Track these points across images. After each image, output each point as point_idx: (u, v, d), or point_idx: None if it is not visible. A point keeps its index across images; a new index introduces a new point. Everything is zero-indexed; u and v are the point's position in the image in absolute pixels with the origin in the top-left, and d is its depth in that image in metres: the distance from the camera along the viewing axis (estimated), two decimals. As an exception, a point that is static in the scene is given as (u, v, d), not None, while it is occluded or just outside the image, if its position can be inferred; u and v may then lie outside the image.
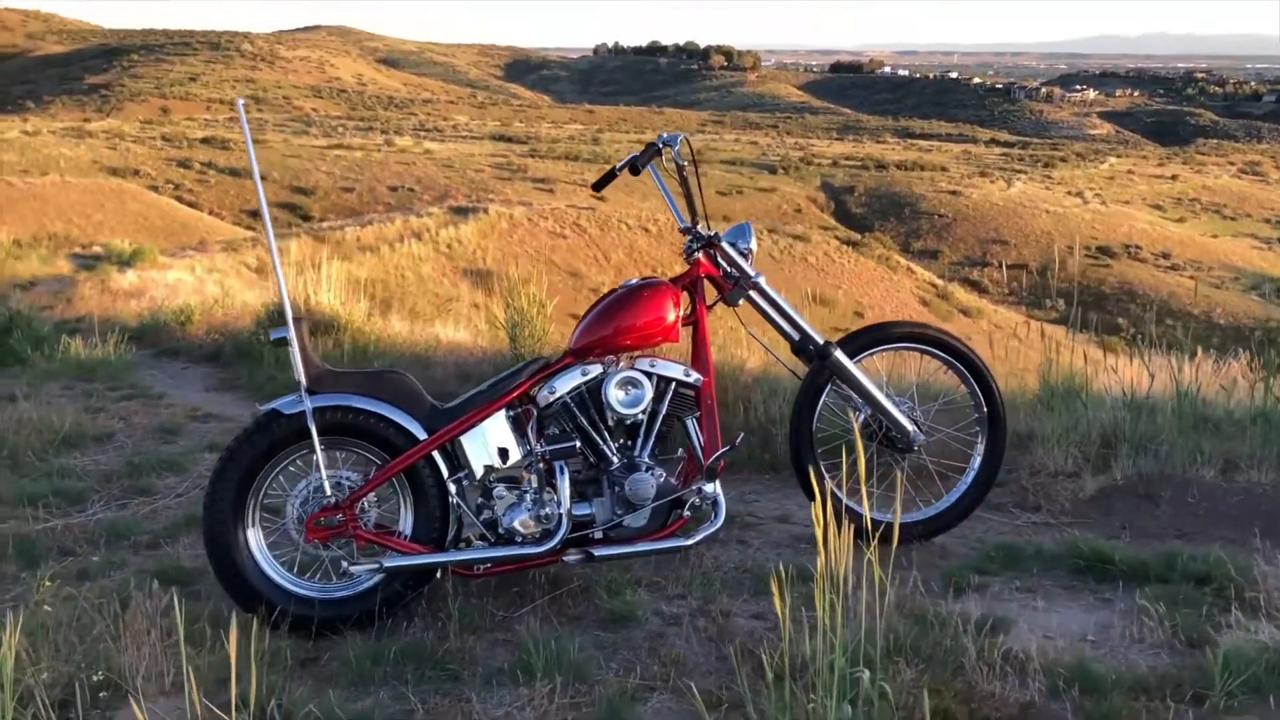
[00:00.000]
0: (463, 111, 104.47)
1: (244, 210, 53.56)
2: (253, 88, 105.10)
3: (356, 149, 65.70)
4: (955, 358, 3.75)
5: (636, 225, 38.26)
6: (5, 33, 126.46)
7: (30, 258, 19.56)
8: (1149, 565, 3.30)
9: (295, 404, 3.24)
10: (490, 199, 43.11)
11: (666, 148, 3.58)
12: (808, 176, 65.79)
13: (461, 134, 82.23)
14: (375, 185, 57.99)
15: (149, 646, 2.88)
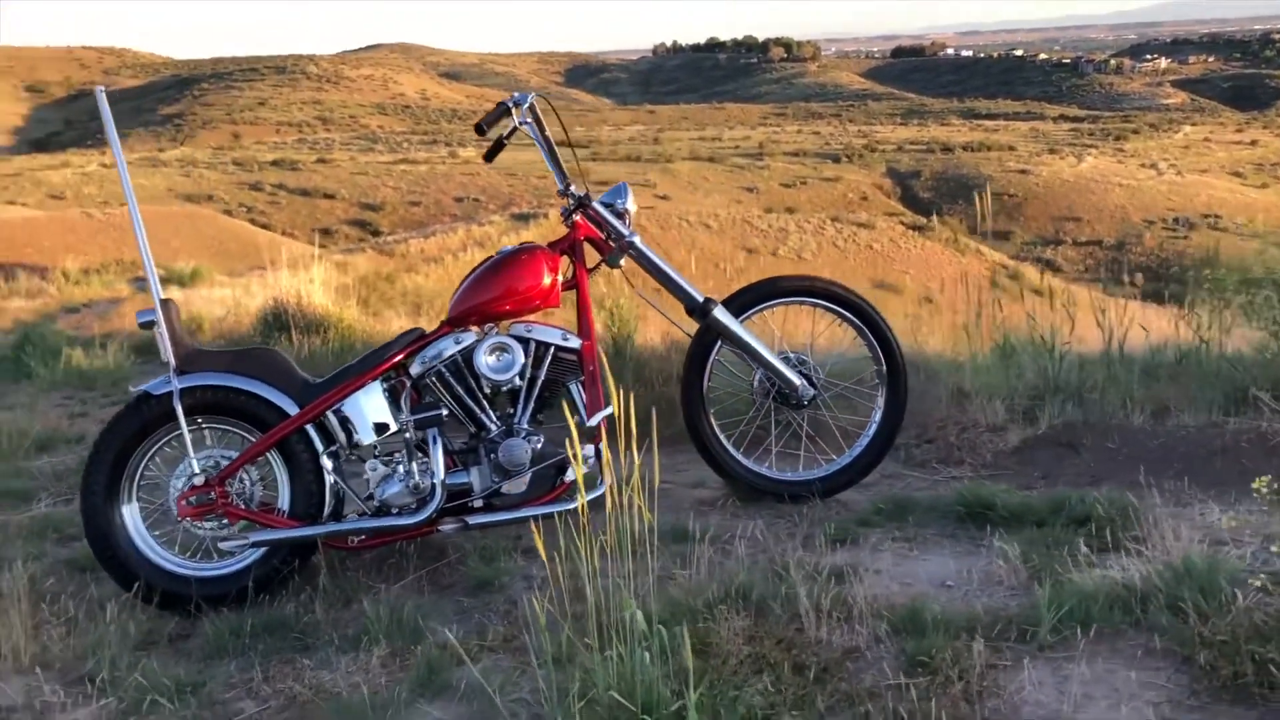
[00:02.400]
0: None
1: (315, 229, 54.59)
2: (319, 108, 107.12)
3: (421, 163, 66.59)
4: (849, 310, 3.66)
5: (697, 222, 38.22)
6: (83, 70, 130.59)
7: (93, 283, 20.19)
8: (1033, 510, 3.18)
9: (164, 385, 3.27)
10: (551, 204, 43.35)
11: (517, 108, 3.54)
12: (872, 164, 65.10)
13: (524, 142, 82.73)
14: (441, 197, 58.73)
15: (8, 628, 2.92)
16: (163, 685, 2.64)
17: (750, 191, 59.05)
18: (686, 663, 2.36)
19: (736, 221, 39.49)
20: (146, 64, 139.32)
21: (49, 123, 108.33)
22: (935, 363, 4.92)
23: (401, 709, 2.45)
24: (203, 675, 2.76)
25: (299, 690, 2.62)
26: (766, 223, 39.48)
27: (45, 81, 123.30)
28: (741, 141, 75.67)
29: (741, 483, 3.69)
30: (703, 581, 2.76)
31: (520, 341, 3.41)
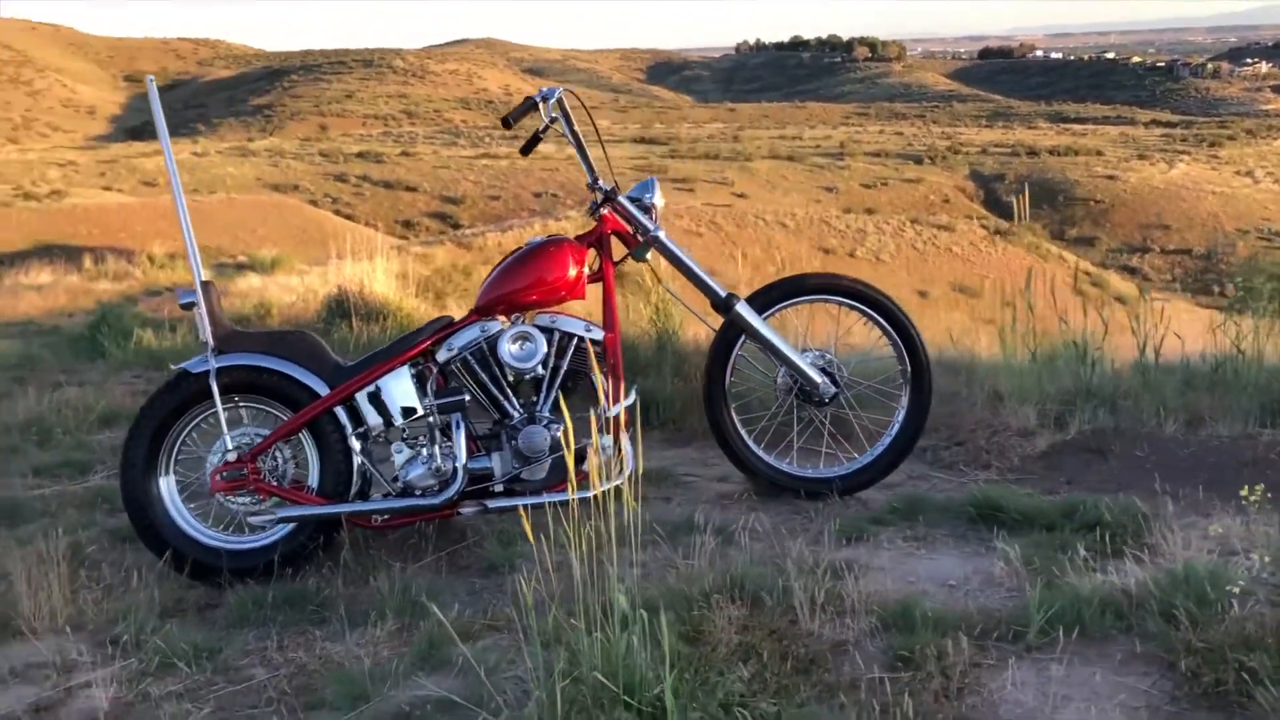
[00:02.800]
0: (605, 116, 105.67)
1: (397, 221, 55.54)
2: (405, 102, 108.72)
3: (502, 158, 67.19)
4: (874, 309, 3.66)
5: (774, 221, 38.10)
6: (179, 61, 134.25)
7: (177, 268, 20.82)
8: (1044, 514, 3.17)
9: (201, 364, 3.41)
10: (630, 200, 43.47)
11: (544, 102, 3.61)
12: (955, 165, 64.21)
13: (603, 138, 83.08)
14: (520, 192, 59.26)
15: (48, 591, 3.07)
16: (181, 650, 2.77)
17: (829, 191, 58.64)
18: (673, 647, 2.42)
19: (814, 221, 39.25)
20: (239, 56, 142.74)
21: (145, 111, 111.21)
22: (976, 365, 4.89)
23: (399, 681, 2.54)
24: (221, 642, 2.88)
25: (307, 660, 2.73)
26: (845, 223, 39.18)
27: (142, 71, 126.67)
28: (822, 141, 75.15)
29: (761, 478, 3.72)
30: (702, 571, 2.80)
31: (544, 331, 3.48)
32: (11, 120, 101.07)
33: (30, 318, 11.97)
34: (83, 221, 43.90)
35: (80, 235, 41.85)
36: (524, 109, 3.59)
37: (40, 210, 43.74)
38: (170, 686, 2.65)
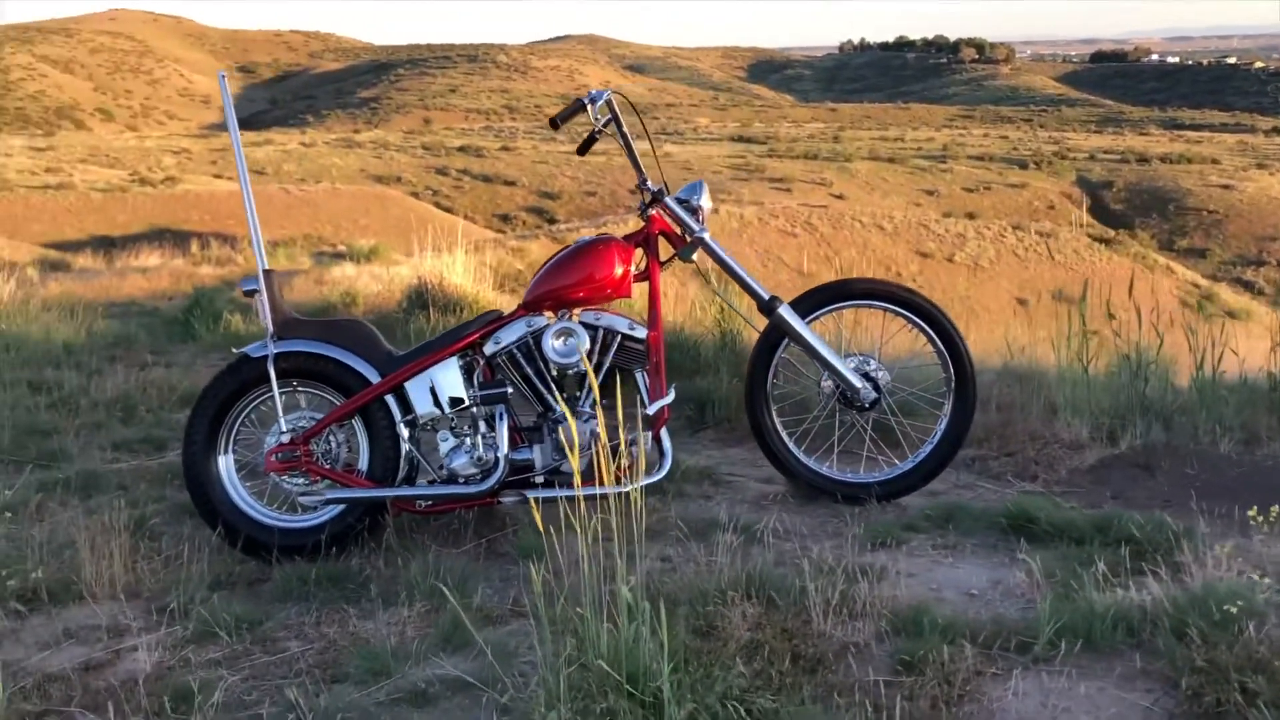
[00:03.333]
0: (704, 114, 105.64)
1: (495, 214, 56.34)
2: (506, 97, 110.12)
3: (600, 154, 67.70)
4: (919, 315, 3.66)
5: (870, 223, 37.69)
6: (290, 53, 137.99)
7: (279, 255, 21.45)
8: (1076, 527, 3.14)
9: (261, 349, 3.56)
10: (724, 199, 43.51)
11: (592, 104, 3.67)
12: (1061, 171, 62.76)
13: (701, 136, 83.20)
14: (616, 189, 59.57)
15: (109, 559, 3.25)
16: (224, 620, 2.91)
17: (930, 195, 57.82)
18: (680, 640, 2.48)
19: (912, 225, 38.74)
20: (348, 49, 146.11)
21: (256, 101, 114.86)
22: (1036, 375, 4.84)
23: (419, 659, 2.64)
24: (263, 615, 3.01)
25: (339, 636, 2.85)
26: (944, 227, 38.58)
27: (256, 62, 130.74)
28: (925, 143, 74.10)
29: (800, 480, 3.75)
30: (721, 568, 2.85)
31: (588, 328, 3.56)
32: (131, 108, 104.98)
33: (133, 299, 12.47)
34: (194, 207, 45.41)
35: (191, 221, 43.35)
36: (572, 111, 3.67)
37: (155, 195, 45.41)
38: (210, 654, 2.79)
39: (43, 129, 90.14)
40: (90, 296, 12.79)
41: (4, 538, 3.58)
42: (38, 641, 2.88)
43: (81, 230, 39.48)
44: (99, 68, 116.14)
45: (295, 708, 2.40)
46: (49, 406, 5.79)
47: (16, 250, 36.44)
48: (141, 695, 2.51)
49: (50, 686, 2.60)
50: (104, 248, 23.79)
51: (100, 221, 41.54)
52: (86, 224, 40.93)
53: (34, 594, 3.13)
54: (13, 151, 59.95)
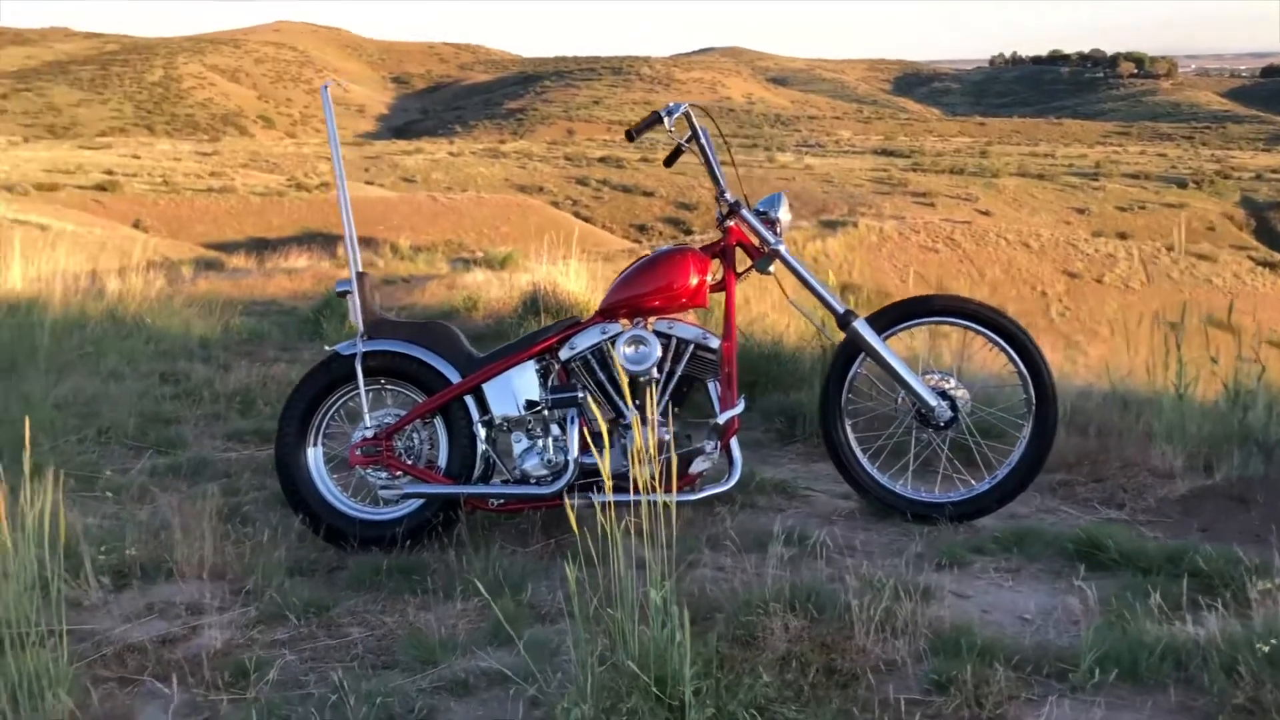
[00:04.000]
0: (847, 126, 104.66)
1: (632, 225, 56.97)
2: (649, 109, 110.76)
3: (739, 165, 67.57)
4: (1000, 334, 3.59)
5: (1016, 240, 36.74)
6: (441, 64, 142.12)
7: (419, 260, 22.16)
8: (1146, 557, 3.03)
9: (350, 347, 3.73)
10: (863, 213, 43.01)
11: (669, 116, 3.71)
12: (1224, 191, 60.10)
13: (844, 149, 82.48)
14: (754, 200, 59.54)
15: (200, 541, 3.44)
16: (293, 604, 3.05)
17: (1080, 213, 56.06)
18: (714, 646, 2.50)
19: (1060, 243, 37.59)
20: (497, 60, 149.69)
21: (409, 111, 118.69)
22: (1142, 400, 4.68)
23: (465, 652, 2.73)
24: (332, 601, 3.15)
25: (397, 625, 2.96)
26: (1093, 247, 37.32)
27: (409, 74, 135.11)
28: (1076, 160, 71.87)
29: (872, 497, 3.72)
30: (770, 578, 2.86)
31: (660, 337, 3.61)
32: (291, 116, 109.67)
33: (275, 298, 13.05)
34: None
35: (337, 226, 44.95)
36: (648, 123, 3.72)
37: (309, 200, 47.35)
38: (276, 634, 2.93)
39: (209, 135, 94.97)
40: (235, 295, 13.44)
41: (110, 517, 3.82)
42: (125, 614, 3.07)
43: (240, 231, 41.43)
44: (263, 77, 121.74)
45: (340, 689, 2.51)
46: (175, 397, 6.14)
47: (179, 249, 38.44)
48: (205, 669, 2.66)
49: (128, 656, 2.77)
50: (259, 249, 24.93)
51: (258, 224, 43.50)
52: (245, 226, 42.92)
53: (128, 570, 3.34)
54: (181, 156, 63.40)
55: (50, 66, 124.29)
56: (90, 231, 37.75)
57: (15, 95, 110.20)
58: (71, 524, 3.50)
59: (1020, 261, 35.69)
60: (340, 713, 2.43)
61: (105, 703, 2.44)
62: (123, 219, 43.16)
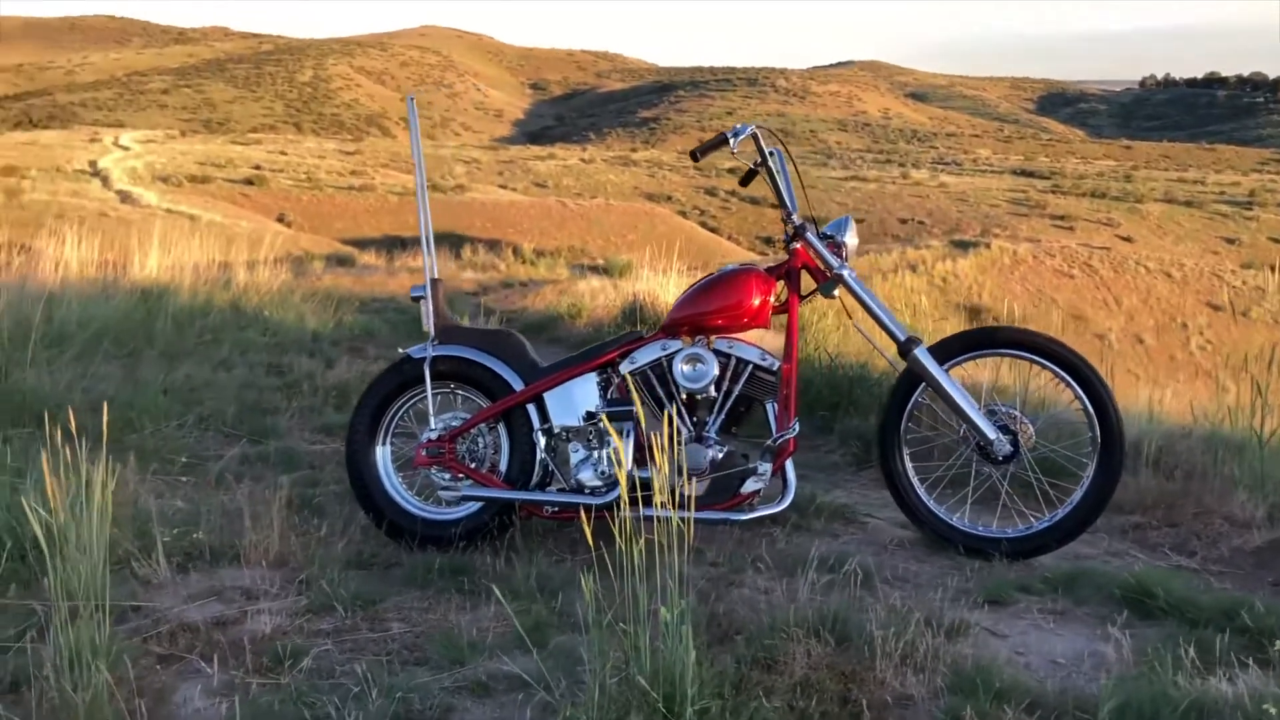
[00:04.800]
0: (986, 145, 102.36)
1: (759, 237, 56.78)
2: (782, 121, 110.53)
3: (871, 181, 66.90)
4: (1067, 370, 3.51)
5: (1157, 269, 35.45)
6: (579, 71, 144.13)
7: (540, 265, 22.56)
8: (1198, 608, 2.93)
9: (421, 351, 3.85)
10: (997, 234, 42.05)
11: (735, 138, 3.72)
12: (1401, 225, 56.81)
13: (981, 168, 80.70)
14: (886, 217, 58.74)
15: (269, 530, 3.59)
16: (342, 596, 3.17)
17: (1230, 243, 53.67)
18: (729, 668, 2.52)
19: (1204, 274, 36.11)
20: (634, 69, 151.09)
21: (544, 117, 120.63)
22: (1222, 442, 4.51)
23: (489, 654, 2.80)
24: (382, 595, 3.26)
25: (437, 623, 3.05)
26: (1241, 279, 35.76)
27: (547, 80, 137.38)
28: (1229, 187, 68.81)
29: (927, 529, 3.67)
30: (797, 604, 2.86)
31: (719, 355, 3.63)
32: (432, 119, 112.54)
33: (394, 295, 13.43)
34: (477, 214, 48.19)
35: (474, 227, 46.08)
36: (714, 144, 3.75)
37: (444, 201, 48.54)
38: (321, 624, 3.05)
39: (353, 134, 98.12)
40: (358, 291, 13.90)
41: (190, 501, 4.02)
42: (188, 595, 3.23)
43: (377, 229, 42.73)
44: (407, 79, 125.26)
45: (363, 681, 2.61)
46: (277, 388, 6.40)
47: (318, 244, 39.72)
48: (247, 652, 2.79)
49: (180, 635, 2.92)
50: (392, 247, 25.69)
51: (394, 223, 44.82)
52: (382, 224, 44.25)
53: (198, 553, 3.51)
54: (326, 154, 65.69)
55: (209, 64, 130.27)
56: (236, 223, 39.44)
57: (176, 91, 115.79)
58: (150, 506, 3.72)
59: (1160, 291, 34.44)
60: (362, 704, 2.52)
61: (146, 677, 2.59)
62: (267, 213, 44.99)
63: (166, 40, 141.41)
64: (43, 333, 6.67)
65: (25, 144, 59.37)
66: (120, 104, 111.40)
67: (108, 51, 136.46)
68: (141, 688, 2.50)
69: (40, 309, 7.85)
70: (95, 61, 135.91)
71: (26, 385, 5.29)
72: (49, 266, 9.91)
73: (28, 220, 31.72)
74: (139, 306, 8.47)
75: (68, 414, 3.00)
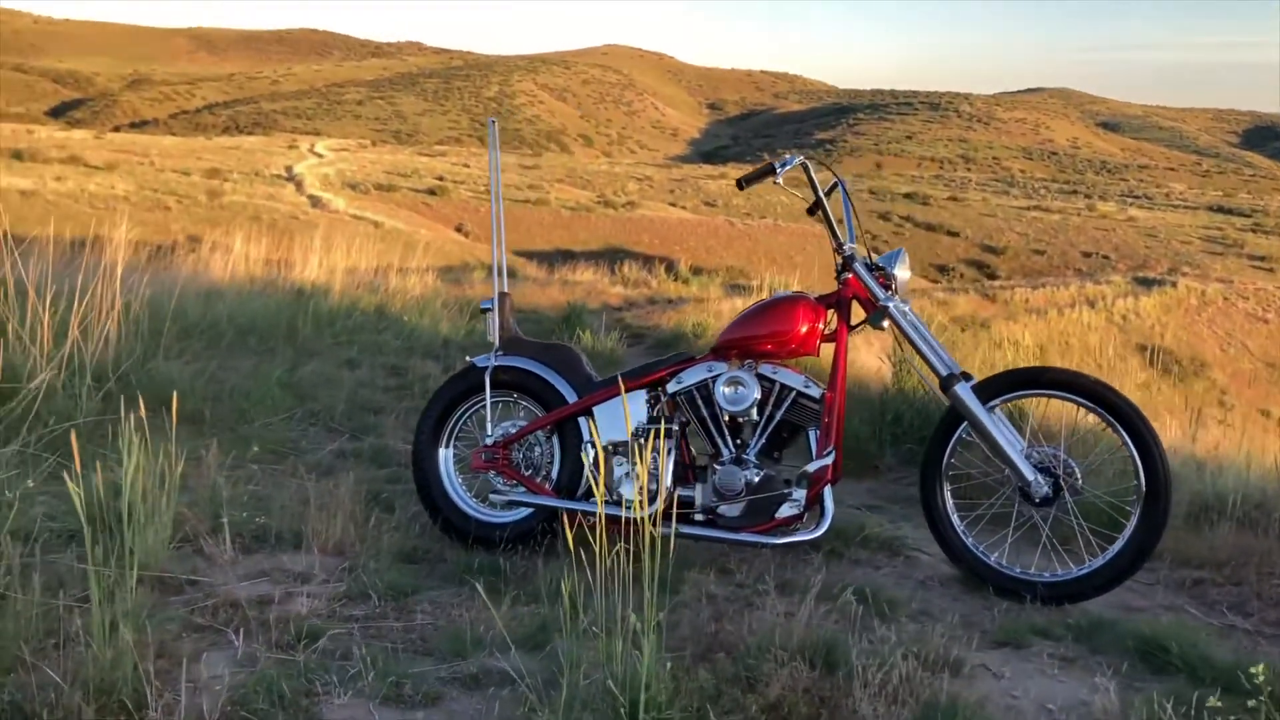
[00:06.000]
0: (1181, 179, 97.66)
1: (932, 264, 55.72)
2: (964, 147, 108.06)
3: (1055, 212, 64.82)
4: (1112, 414, 3.43)
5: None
6: (757, 92, 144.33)
7: (693, 284, 22.80)
8: (1212, 667, 2.83)
9: (485, 361, 4.05)
10: (1187, 272, 40.16)
11: (782, 169, 3.77)
12: None
13: (1174, 203, 77.02)
14: (1068, 250, 56.80)
15: (333, 520, 3.83)
16: (377, 585, 3.38)
17: None
18: (701, 682, 2.60)
19: None
20: (812, 90, 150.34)
21: (720, 137, 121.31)
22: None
23: (489, 651, 2.94)
24: (418, 588, 3.45)
25: (456, 618, 3.21)
26: None
27: (724, 100, 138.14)
28: None
29: (964, 566, 3.64)
30: (788, 627, 2.90)
31: (763, 380, 3.70)
32: (609, 136, 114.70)
33: (537, 307, 13.81)
34: (645, 230, 48.94)
35: (642, 243, 46.86)
36: (760, 174, 3.81)
37: (614, 217, 49.46)
38: (354, 610, 3.26)
39: (533, 150, 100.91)
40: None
41: (277, 488, 4.31)
42: (245, 574, 3.49)
43: (549, 242, 43.87)
44: (587, 97, 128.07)
45: (361, 663, 2.79)
46: (390, 389, 6.75)
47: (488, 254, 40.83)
48: (272, 629, 3.02)
49: (224, 609, 3.17)
50: (561, 259, 26.34)
51: (565, 236, 45.92)
52: (553, 237, 45.39)
53: (264, 536, 3.79)
54: (506, 168, 67.81)
55: (401, 78, 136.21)
56: (416, 231, 41.12)
57: (369, 102, 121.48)
58: (228, 491, 4.02)
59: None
60: (356, 684, 2.70)
61: (175, 644, 2.83)
62: (447, 222, 46.73)
63: (364, 54, 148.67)
64: (191, 324, 7.21)
65: (230, 148, 63.46)
66: (319, 113, 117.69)
67: (310, 63, 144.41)
68: (165, 652, 2.74)
69: (199, 303, 8.46)
70: (298, 72, 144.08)
71: (159, 372, 5.72)
72: (221, 263, 10.64)
73: (226, 220, 33.87)
74: (288, 306, 9.03)
75: (184, 401, 3.27)
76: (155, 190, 39.72)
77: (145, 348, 6.15)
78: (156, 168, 47.75)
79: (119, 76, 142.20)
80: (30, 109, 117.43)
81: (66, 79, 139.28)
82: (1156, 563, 4.00)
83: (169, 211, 35.73)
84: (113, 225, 6.91)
